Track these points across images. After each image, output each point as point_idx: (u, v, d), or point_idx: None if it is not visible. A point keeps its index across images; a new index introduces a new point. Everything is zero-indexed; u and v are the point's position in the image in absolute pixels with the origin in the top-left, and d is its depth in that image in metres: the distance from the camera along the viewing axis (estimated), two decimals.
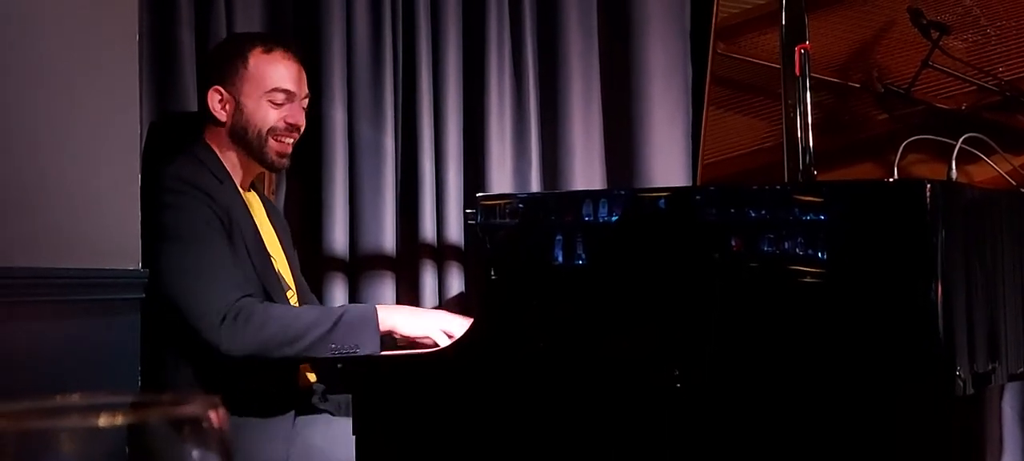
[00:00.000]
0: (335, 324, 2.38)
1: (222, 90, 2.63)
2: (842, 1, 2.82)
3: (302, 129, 2.69)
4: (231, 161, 2.65)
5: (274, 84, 2.63)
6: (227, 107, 2.63)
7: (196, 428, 0.48)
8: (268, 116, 2.63)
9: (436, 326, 2.47)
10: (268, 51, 2.66)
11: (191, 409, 0.48)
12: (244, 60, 2.64)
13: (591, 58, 3.24)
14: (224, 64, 2.66)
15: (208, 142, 2.65)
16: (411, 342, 2.48)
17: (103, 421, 0.46)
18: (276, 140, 2.64)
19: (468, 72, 3.22)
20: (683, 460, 1.96)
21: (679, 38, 3.23)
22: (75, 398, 0.49)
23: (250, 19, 3.14)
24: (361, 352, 2.36)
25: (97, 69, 2.26)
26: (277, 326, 2.38)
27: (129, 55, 2.36)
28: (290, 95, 2.65)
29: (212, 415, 0.49)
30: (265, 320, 2.38)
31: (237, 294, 2.39)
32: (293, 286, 2.72)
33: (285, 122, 2.64)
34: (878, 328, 1.84)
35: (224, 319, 2.35)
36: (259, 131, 2.63)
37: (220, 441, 0.49)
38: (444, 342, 2.43)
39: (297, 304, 2.70)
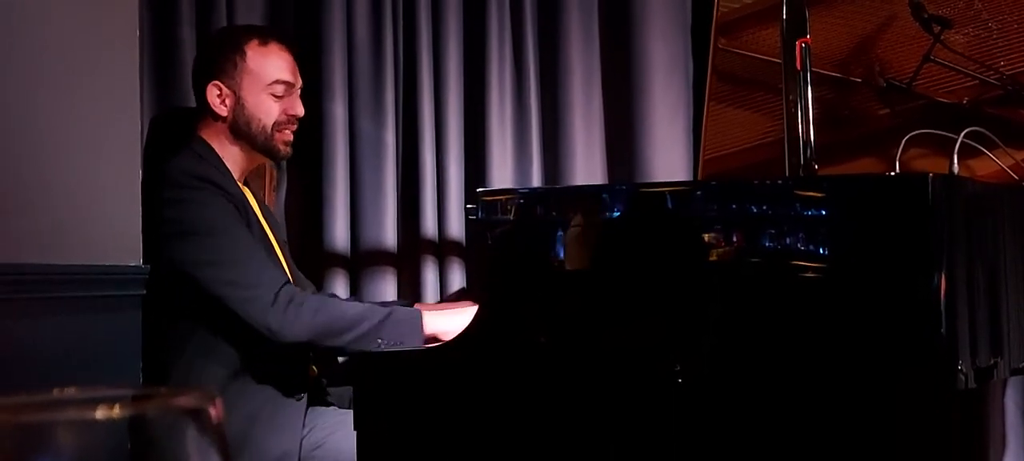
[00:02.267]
0: (384, 320, 2.42)
1: (221, 85, 2.62)
2: None
3: (301, 116, 2.69)
4: (231, 156, 2.64)
5: (274, 77, 2.63)
6: (227, 102, 2.62)
7: (195, 421, 0.48)
8: (271, 109, 2.63)
9: None
10: (264, 43, 2.65)
11: (189, 402, 0.48)
12: (242, 54, 2.63)
13: (592, 53, 3.24)
14: (221, 59, 2.65)
15: (205, 138, 2.63)
16: None
17: (100, 414, 0.46)
18: (280, 132, 2.64)
19: (469, 67, 3.22)
20: (685, 454, 1.95)
21: (680, 33, 3.23)
22: (72, 391, 0.49)
23: (251, 15, 3.14)
24: (404, 347, 2.39)
25: (98, 66, 2.27)
26: (329, 315, 2.41)
27: (130, 52, 2.36)
28: (289, 86, 2.65)
29: (210, 408, 0.49)
30: (318, 308, 2.41)
31: (283, 279, 2.43)
32: (292, 280, 2.72)
33: (287, 114, 2.65)
34: (880, 322, 1.84)
35: (276, 301, 2.37)
36: (263, 125, 2.62)
37: (218, 434, 0.49)
38: None
39: None
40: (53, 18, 2.14)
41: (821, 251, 1.87)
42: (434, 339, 2.45)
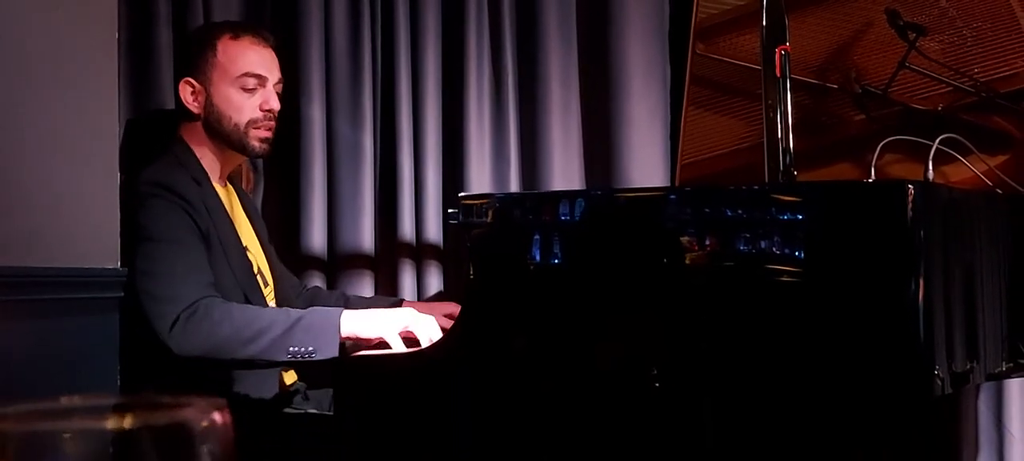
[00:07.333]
0: (293, 326, 2.26)
1: (193, 81, 2.57)
2: (820, 2, 2.83)
3: (277, 111, 2.62)
4: (208, 157, 2.60)
5: (244, 69, 2.57)
6: (199, 98, 2.57)
7: (203, 429, 0.48)
8: (241, 105, 2.57)
9: (393, 328, 2.27)
10: (236, 37, 2.60)
11: (196, 411, 0.48)
12: (213, 48, 2.58)
13: (570, 58, 3.24)
14: (194, 54, 2.60)
15: (185, 139, 2.59)
16: (372, 345, 2.32)
17: (111, 424, 0.46)
18: (255, 128, 2.58)
19: (447, 70, 3.22)
20: (661, 456, 1.96)
21: (658, 38, 3.24)
22: (77, 400, 0.49)
23: (228, 16, 3.13)
24: (317, 357, 2.25)
25: (76, 67, 2.25)
26: (233, 325, 2.27)
27: (108, 54, 2.35)
28: (261, 79, 2.59)
29: (218, 416, 0.49)
30: (222, 318, 2.27)
31: (197, 295, 2.30)
32: (272, 281, 2.69)
33: (260, 110, 2.58)
34: (857, 328, 1.85)
35: (177, 320, 2.27)
36: (234, 122, 2.57)
37: (226, 441, 0.49)
38: (398, 345, 2.25)
39: (276, 297, 2.67)
40: (32, 20, 2.13)
41: (798, 257, 1.88)
42: (351, 341, 2.30)
